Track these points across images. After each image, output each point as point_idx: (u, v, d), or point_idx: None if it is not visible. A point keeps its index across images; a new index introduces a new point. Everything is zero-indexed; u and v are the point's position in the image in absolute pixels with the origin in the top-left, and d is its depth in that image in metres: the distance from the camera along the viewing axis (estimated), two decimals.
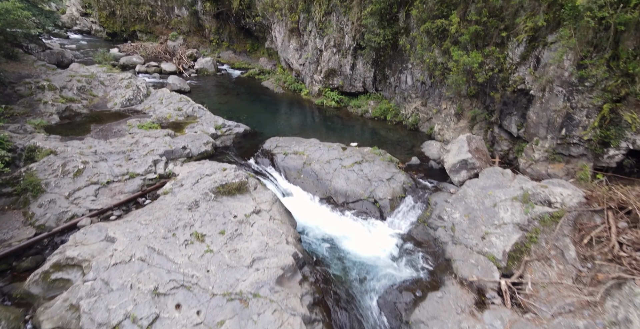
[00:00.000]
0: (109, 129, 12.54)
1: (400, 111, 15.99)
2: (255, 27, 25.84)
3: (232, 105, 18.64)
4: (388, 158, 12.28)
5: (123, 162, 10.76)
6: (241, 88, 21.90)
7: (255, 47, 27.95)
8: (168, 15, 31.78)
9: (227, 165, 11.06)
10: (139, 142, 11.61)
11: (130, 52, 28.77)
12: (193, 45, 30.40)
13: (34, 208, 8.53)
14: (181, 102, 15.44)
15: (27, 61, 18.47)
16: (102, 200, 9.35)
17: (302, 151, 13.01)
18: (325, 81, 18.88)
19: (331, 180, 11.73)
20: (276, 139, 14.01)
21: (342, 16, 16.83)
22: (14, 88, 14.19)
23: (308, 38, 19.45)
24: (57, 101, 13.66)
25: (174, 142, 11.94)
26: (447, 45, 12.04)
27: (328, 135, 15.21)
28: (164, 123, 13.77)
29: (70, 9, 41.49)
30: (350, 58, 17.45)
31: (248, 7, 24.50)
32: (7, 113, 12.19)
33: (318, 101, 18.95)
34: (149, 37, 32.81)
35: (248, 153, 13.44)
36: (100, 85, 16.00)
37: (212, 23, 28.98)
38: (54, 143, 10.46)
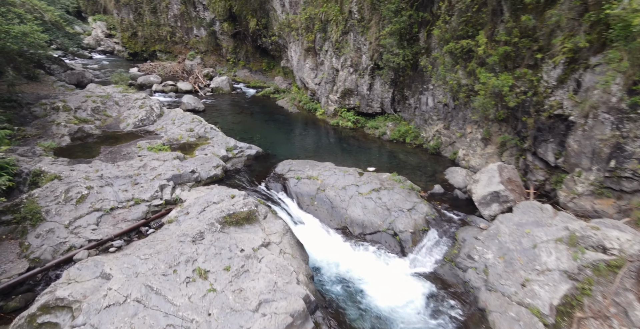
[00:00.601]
0: (118, 151, 12.21)
1: (420, 133, 15.17)
2: (272, 47, 25.91)
3: (246, 125, 18.27)
4: (409, 185, 11.39)
5: (129, 186, 10.28)
6: (255, 108, 21.64)
7: (271, 66, 27.99)
8: (187, 35, 32.52)
9: (236, 192, 10.42)
10: (146, 165, 11.17)
11: (149, 72, 29.33)
12: (210, 64, 30.81)
13: (31, 238, 8.02)
14: (193, 123, 15.13)
15: (47, 82, 18.79)
16: (104, 228, 8.79)
17: (316, 176, 12.29)
18: (341, 101, 18.36)
19: (347, 209, 10.90)
20: (289, 162, 13.37)
21: (360, 36, 16.45)
22: (30, 110, 14.20)
23: (324, 57, 19.14)
24: (70, 122, 13.54)
25: (183, 166, 11.44)
26: (472, 66, 11.31)
27: (344, 158, 14.48)
28: (175, 145, 13.39)
29: (95, 30, 43.33)
30: (367, 78, 16.93)
31: (265, 27, 24.65)
32: (19, 135, 12.06)
33: (333, 121, 18.38)
34: (168, 57, 33.58)
35: (259, 177, 12.81)
36: (114, 106, 15.94)
37: (229, 42, 29.35)
38: (59, 167, 10.11)
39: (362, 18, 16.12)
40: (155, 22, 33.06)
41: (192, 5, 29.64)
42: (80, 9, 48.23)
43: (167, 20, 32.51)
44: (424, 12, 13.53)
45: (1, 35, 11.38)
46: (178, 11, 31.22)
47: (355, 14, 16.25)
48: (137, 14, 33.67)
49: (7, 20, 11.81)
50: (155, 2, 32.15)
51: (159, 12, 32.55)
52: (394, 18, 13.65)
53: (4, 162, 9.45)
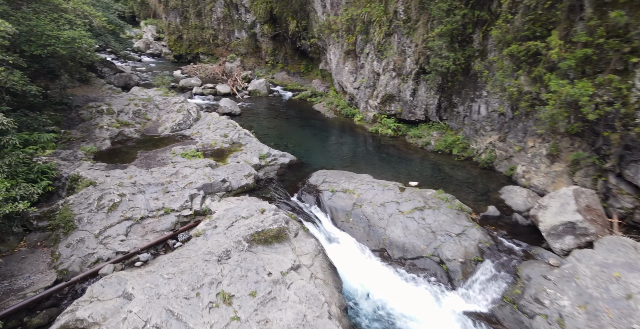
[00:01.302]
0: (153, 156, 12.15)
1: (469, 145, 13.68)
2: (311, 49, 25.34)
3: (281, 130, 17.78)
4: (457, 205, 10.10)
5: (160, 194, 10.05)
6: (291, 111, 21.14)
7: (309, 68, 27.45)
8: (229, 37, 33.02)
9: (266, 205, 9.80)
10: (179, 173, 10.93)
11: (191, 74, 30.05)
12: (249, 66, 30.96)
13: (62, 247, 7.93)
14: (228, 128, 14.85)
15: (97, 84, 19.63)
16: (132, 239, 8.55)
17: (353, 189, 11.36)
18: (382, 107, 17.25)
19: (385, 228, 9.87)
20: (324, 173, 12.56)
21: (405, 38, 15.25)
22: (78, 112, 14.71)
23: (365, 60, 18.13)
24: (112, 125, 13.79)
25: (214, 174, 11.06)
26: (539, 71, 9.77)
27: (382, 170, 13.41)
28: (208, 151, 13.13)
29: (146, 34, 45.62)
30: (411, 83, 15.68)
31: (304, 28, 24.13)
32: (64, 137, 12.41)
33: (372, 128, 17.32)
34: (210, 59, 34.32)
35: (292, 188, 12.14)
36: (155, 109, 16.13)
37: (269, 44, 29.26)
38: (96, 173, 10.12)
39: (408, 18, 14.93)
40: (199, 25, 33.96)
41: (234, 8, 29.94)
42: (134, 14, 51.21)
43: (210, 23, 33.25)
44: (480, 10, 12.09)
45: (52, 41, 11.74)
46: (221, 14, 31.76)
47: (401, 14, 15.09)
48: (183, 18, 34.81)
49: (58, 26, 12.20)
50: (200, 5, 32.99)
51: (204, 15, 33.38)
52: (445, 18, 12.35)
53: (45, 166, 9.59)
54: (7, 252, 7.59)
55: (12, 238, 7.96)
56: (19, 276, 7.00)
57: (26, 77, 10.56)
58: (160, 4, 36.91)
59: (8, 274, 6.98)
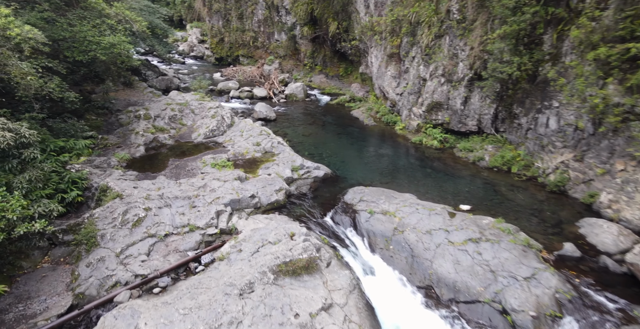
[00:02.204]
0: (183, 166, 11.70)
1: (534, 163, 11.78)
2: (351, 51, 24.18)
3: (316, 138, 16.82)
4: (523, 240, 8.46)
5: (187, 209, 9.47)
6: (328, 117, 20.13)
7: (349, 71, 26.29)
8: (268, 40, 32.80)
9: (295, 228, 8.83)
10: (206, 185, 10.32)
11: (230, 76, 30.16)
12: (287, 69, 30.45)
13: (82, 266, 7.52)
14: (261, 136, 14.15)
15: (139, 88, 19.97)
16: (154, 260, 7.97)
17: (393, 211, 10.07)
18: (427, 115, 15.68)
19: (432, 261, 8.51)
20: (361, 190, 11.38)
21: (458, 40, 13.61)
22: (117, 117, 14.80)
23: (410, 65, 16.65)
24: (147, 131, 13.64)
25: (243, 189, 10.31)
26: (638, 79, 7.86)
27: (427, 187, 11.95)
28: (239, 161, 12.48)
29: (191, 37, 47.05)
30: (463, 90, 13.99)
31: (345, 30, 23.03)
32: (101, 143, 12.37)
33: (416, 139, 15.81)
34: (249, 61, 34.36)
35: (325, 206, 11.10)
36: (190, 114, 15.89)
37: (308, 47, 28.53)
38: (124, 184, 9.78)
39: (463, 18, 13.29)
40: (240, 28, 34.15)
41: (275, 10, 29.59)
42: (182, 17, 53.21)
43: (251, 25, 33.28)
44: (556, 7, 10.24)
45: (93, 46, 11.72)
46: (262, 16, 31.61)
47: (455, 14, 13.47)
48: (226, 20, 35.23)
49: (100, 31, 12.20)
50: (242, 8, 33.13)
51: (245, 18, 33.48)
52: (510, 17, 10.64)
53: (76, 176, 9.38)
54: (29, 269, 7.30)
55: (37, 253, 7.70)
56: (34, 299, 6.62)
57: (65, 84, 10.52)
58: (204, 7, 37.70)
59: (24, 296, 6.63)
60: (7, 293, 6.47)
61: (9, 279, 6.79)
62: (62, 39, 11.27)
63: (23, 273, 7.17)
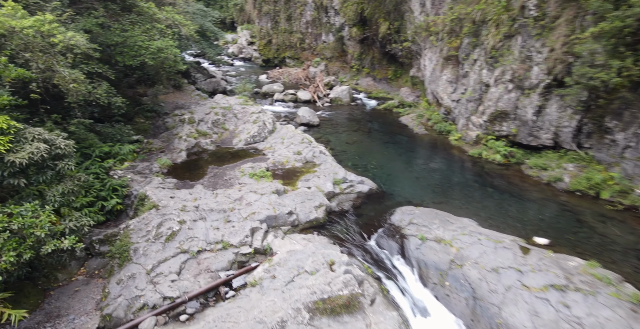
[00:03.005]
0: (222, 174, 11.29)
1: (634, 189, 9.65)
2: (402, 53, 22.67)
3: (361, 147, 15.71)
4: (631, 296, 6.68)
5: (221, 223, 8.95)
6: (374, 124, 18.90)
7: (398, 75, 24.75)
8: (315, 41, 32.25)
9: (335, 255, 7.86)
10: (243, 198, 9.74)
11: (276, 78, 30.05)
12: (333, 71, 29.62)
13: (113, 283, 7.24)
14: (302, 144, 13.39)
15: (188, 91, 20.30)
16: (184, 279, 7.50)
17: (449, 240, 8.72)
18: (489, 126, 13.86)
19: (501, 308, 7.09)
20: (410, 210, 10.12)
21: (533, 40, 11.73)
22: (164, 120, 14.95)
23: (470, 68, 14.89)
24: (190, 136, 13.54)
25: (280, 204, 9.58)
26: None
27: (489, 211, 10.35)
28: (278, 171, 11.81)
29: (241, 39, 48.16)
30: (536, 98, 12.06)
31: (397, 30, 21.58)
32: (146, 148, 12.42)
33: (474, 151, 14.07)
34: (296, 63, 34.10)
35: (369, 227, 10.01)
36: (233, 118, 15.64)
37: (356, 48, 27.44)
38: (162, 193, 9.52)
39: (542, 15, 11.40)
40: (288, 29, 34.03)
41: (324, 10, 28.91)
42: (234, 20, 54.83)
43: (299, 26, 32.99)
44: None
45: (142, 51, 11.76)
46: (310, 17, 31.13)
47: (532, 10, 11.61)
48: (274, 22, 35.33)
49: (149, 36, 12.25)
50: (291, 9, 32.95)
51: (293, 19, 33.27)
52: (611, 11, 8.70)
53: (117, 183, 9.29)
54: (64, 281, 7.17)
55: (74, 264, 7.58)
56: (63, 318, 6.40)
57: (113, 89, 10.57)
58: (254, 9, 38.21)
59: (54, 314, 6.43)
60: (39, 309, 6.31)
61: (43, 293, 6.66)
62: (114, 44, 11.43)
63: (57, 286, 7.04)
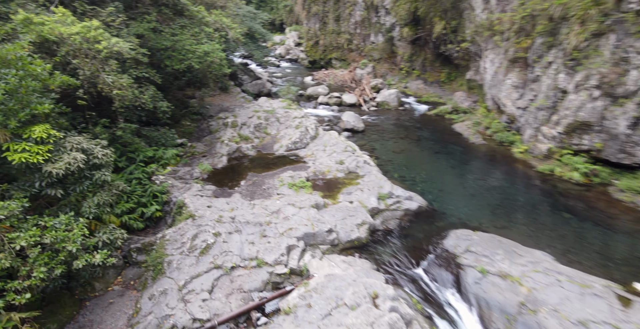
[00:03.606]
0: (260, 183, 10.84)
1: None
2: (458, 54, 20.87)
3: (409, 157, 14.48)
4: None
5: (257, 238, 8.42)
6: (424, 131, 17.48)
7: (452, 77, 22.90)
8: (363, 42, 31.24)
9: (379, 286, 6.91)
10: (280, 211, 9.14)
11: (321, 80, 29.50)
12: (381, 73, 28.39)
13: (145, 298, 7.00)
14: (345, 152, 12.54)
15: (234, 93, 20.44)
16: (216, 298, 7.06)
17: (517, 276, 7.38)
18: (565, 138, 11.94)
19: None
20: (467, 235, 8.84)
21: (632, 39, 9.75)
22: (208, 123, 14.98)
23: (542, 72, 12.99)
24: (232, 140, 13.35)
25: (319, 220, 8.83)
26: None
27: (566, 242, 8.72)
28: (319, 181, 11.09)
29: (288, 40, 48.52)
30: (632, 107, 10.06)
31: (454, 30, 19.87)
32: (189, 152, 12.40)
33: (544, 167, 12.23)
34: (342, 64, 33.34)
35: (418, 251, 8.89)
36: (275, 123, 15.25)
37: (406, 49, 25.96)
38: (199, 202, 9.25)
39: None
40: (336, 30, 33.40)
41: (374, 10, 27.80)
42: (283, 21, 55.53)
43: (347, 27, 32.21)
44: None
45: (189, 55, 11.73)
46: (360, 17, 30.19)
47: (632, 3, 9.65)
48: (322, 23, 34.90)
49: (197, 40, 12.21)
50: (340, 10, 32.26)
51: (342, 20, 32.57)
52: None
53: (157, 190, 9.19)
54: (100, 291, 7.07)
55: (112, 272, 7.49)
56: None
57: (159, 94, 10.58)
58: (303, 10, 38.11)
59: (87, 327, 6.25)
60: (73, 321, 6.19)
61: (79, 303, 6.57)
62: (164, 48, 11.51)
63: (94, 296, 6.95)
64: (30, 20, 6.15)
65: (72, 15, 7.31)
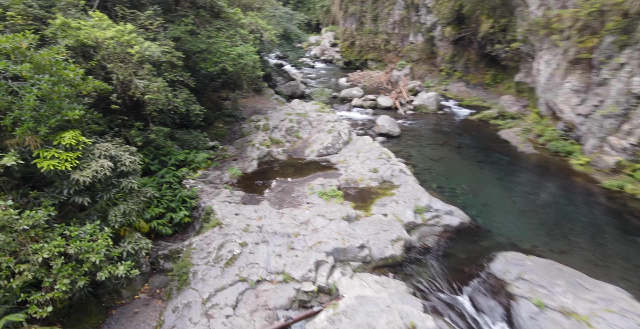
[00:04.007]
0: (290, 190, 10.41)
1: None
2: (506, 55, 19.30)
3: (448, 166, 13.43)
4: None
5: (284, 250, 7.98)
6: (466, 138, 16.25)
7: (498, 80, 21.26)
8: (401, 42, 30.11)
9: (417, 317, 6.17)
10: (309, 222, 8.64)
11: (356, 82, 28.77)
12: (419, 75, 27.13)
13: (169, 310, 6.79)
14: (379, 160, 11.80)
15: (267, 95, 20.31)
16: (239, 315, 6.71)
17: (586, 316, 6.35)
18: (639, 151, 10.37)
19: None
20: (519, 260, 7.82)
21: None
22: (241, 126, 14.86)
23: (612, 75, 11.44)
24: (263, 144, 13.07)
25: (351, 234, 8.21)
26: None
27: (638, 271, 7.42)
28: (351, 190, 10.46)
29: (324, 41, 48.15)
30: None
31: (503, 29, 18.36)
32: (220, 155, 12.29)
33: (611, 183, 10.75)
34: (378, 66, 32.39)
35: (460, 275, 8.01)
36: (307, 126, 14.83)
37: (448, 50, 24.54)
38: (227, 209, 8.99)
39: None
40: (373, 30, 32.53)
41: (414, 9, 26.62)
42: (319, 22, 55.29)
43: (385, 27, 31.24)
44: None
45: (223, 58, 11.59)
46: (398, 17, 29.11)
47: None
48: (359, 23, 34.14)
49: (232, 42, 12.06)
50: (378, 9, 31.35)
51: (379, 20, 31.64)
52: None
53: (187, 195, 9.05)
54: (127, 299, 6.96)
55: (139, 279, 7.40)
56: None
57: (193, 96, 10.51)
58: (340, 10, 37.56)
59: None
60: None
61: (106, 311, 6.48)
62: (199, 50, 11.46)
63: (120, 304, 6.85)
64: (68, 24, 6.18)
65: (109, 20, 7.32)
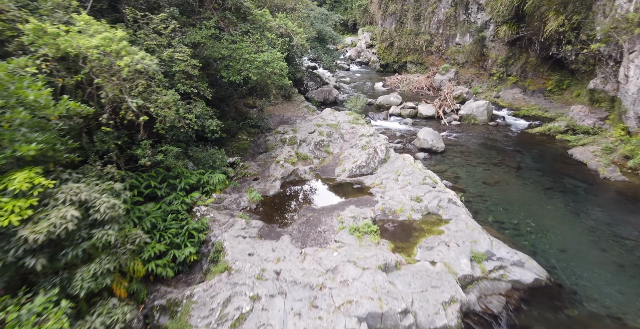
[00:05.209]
0: (316, 221, 8.82)
1: None
2: (575, 57, 16.39)
3: (506, 192, 11.16)
4: None
5: (305, 307, 6.41)
6: (526, 156, 13.76)
7: (563, 86, 18.28)
8: (446, 43, 27.53)
9: None
10: (337, 270, 6.99)
11: (393, 87, 26.69)
12: (465, 79, 24.49)
13: None
14: (424, 186, 9.86)
15: (297, 101, 18.93)
16: None
17: None
18: None
19: None
20: None
21: None
22: (266, 138, 13.55)
23: None
24: (288, 161, 11.62)
25: (389, 292, 6.45)
26: None
27: None
28: (388, 225, 8.65)
29: (360, 42, 46.16)
30: None
31: (575, 27, 15.52)
32: (240, 173, 11.00)
33: None
34: (418, 68, 30.00)
35: None
36: (339, 139, 13.19)
37: (501, 51, 21.77)
38: (240, 247, 7.58)
39: None
40: (414, 31, 30.18)
41: (463, 6, 24.04)
42: (356, 22, 53.36)
43: (428, 27, 28.81)
44: None
45: (247, 65, 10.29)
46: (444, 16, 26.59)
47: None
48: (399, 23, 31.90)
49: (258, 47, 10.73)
50: (422, 8, 28.95)
51: (422, 19, 29.24)
52: None
53: (194, 227, 7.77)
54: None
55: None
56: None
57: (209, 110, 9.28)
58: (379, 10, 35.44)
59: None
60: None
61: None
62: (221, 57, 10.25)
63: None
64: (44, 30, 5.06)
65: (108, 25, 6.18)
